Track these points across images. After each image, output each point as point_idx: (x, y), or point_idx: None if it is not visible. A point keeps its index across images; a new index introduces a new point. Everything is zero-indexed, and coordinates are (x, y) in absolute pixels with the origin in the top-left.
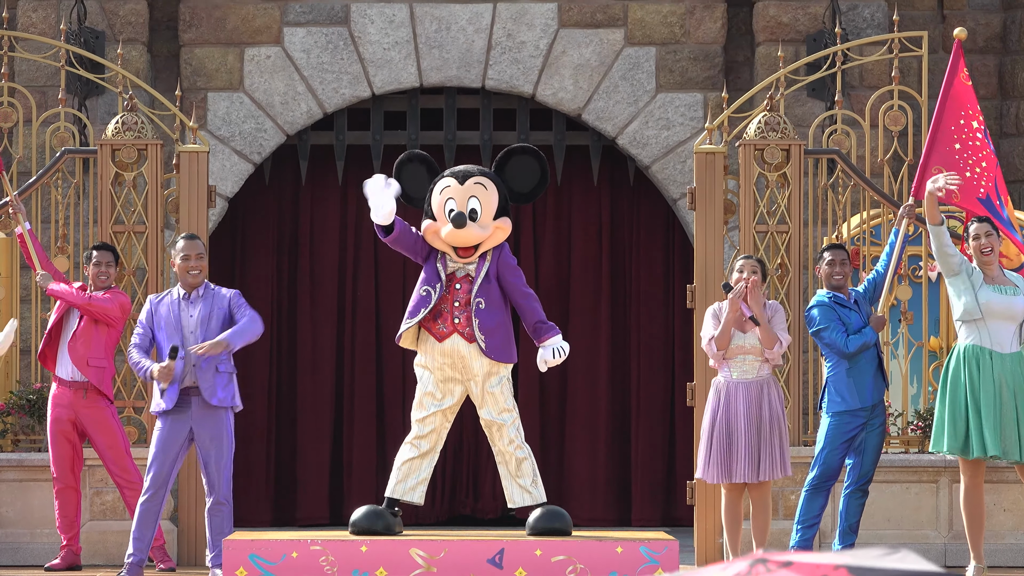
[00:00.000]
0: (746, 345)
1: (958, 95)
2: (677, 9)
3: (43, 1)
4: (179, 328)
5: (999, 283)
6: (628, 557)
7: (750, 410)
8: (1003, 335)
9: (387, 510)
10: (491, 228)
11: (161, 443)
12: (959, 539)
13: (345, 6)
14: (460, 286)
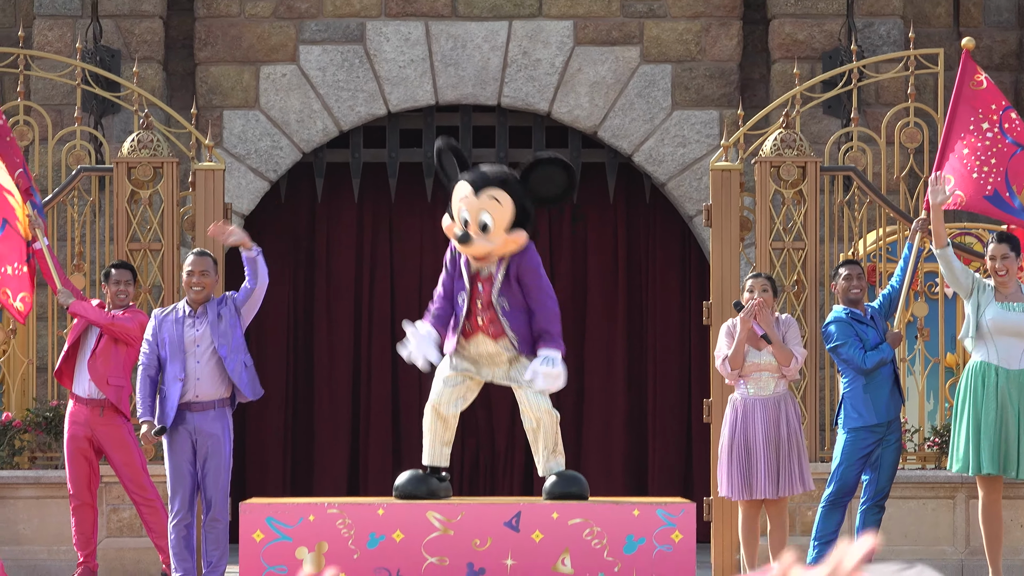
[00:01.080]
0: (761, 363)
1: (968, 103)
2: (693, 27)
3: (59, 20)
4: (181, 347)
5: (1012, 300)
6: (645, 520)
7: (768, 427)
8: (1011, 352)
9: (431, 475)
10: (501, 241)
11: (173, 468)
12: (976, 555)
13: (361, 24)
14: (483, 286)
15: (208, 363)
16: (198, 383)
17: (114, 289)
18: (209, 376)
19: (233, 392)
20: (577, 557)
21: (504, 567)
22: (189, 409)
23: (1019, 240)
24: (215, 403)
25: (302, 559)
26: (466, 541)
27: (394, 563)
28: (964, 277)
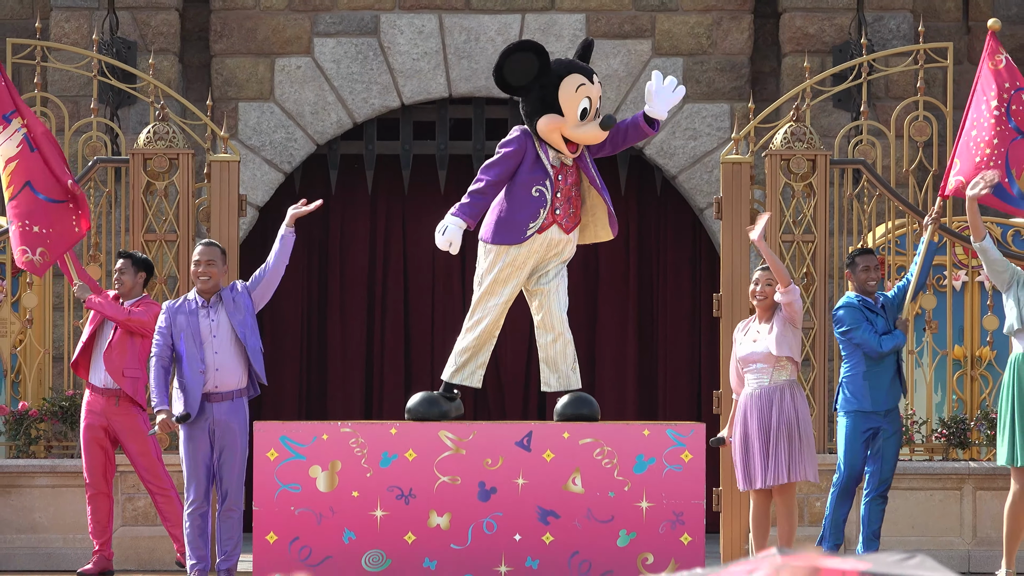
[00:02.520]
0: (760, 351)
1: (985, 82)
2: (704, 20)
3: (76, 12)
4: (198, 336)
5: None
6: (655, 440)
7: (763, 418)
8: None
9: (442, 396)
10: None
11: (190, 458)
12: (982, 545)
13: (375, 17)
14: (562, 178)
15: (225, 352)
16: (217, 373)
17: (118, 279)
18: (228, 365)
19: (249, 382)
20: (588, 476)
21: (515, 486)
22: (208, 400)
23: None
24: (233, 393)
25: (315, 477)
26: (478, 460)
27: (406, 482)
28: (1003, 269)
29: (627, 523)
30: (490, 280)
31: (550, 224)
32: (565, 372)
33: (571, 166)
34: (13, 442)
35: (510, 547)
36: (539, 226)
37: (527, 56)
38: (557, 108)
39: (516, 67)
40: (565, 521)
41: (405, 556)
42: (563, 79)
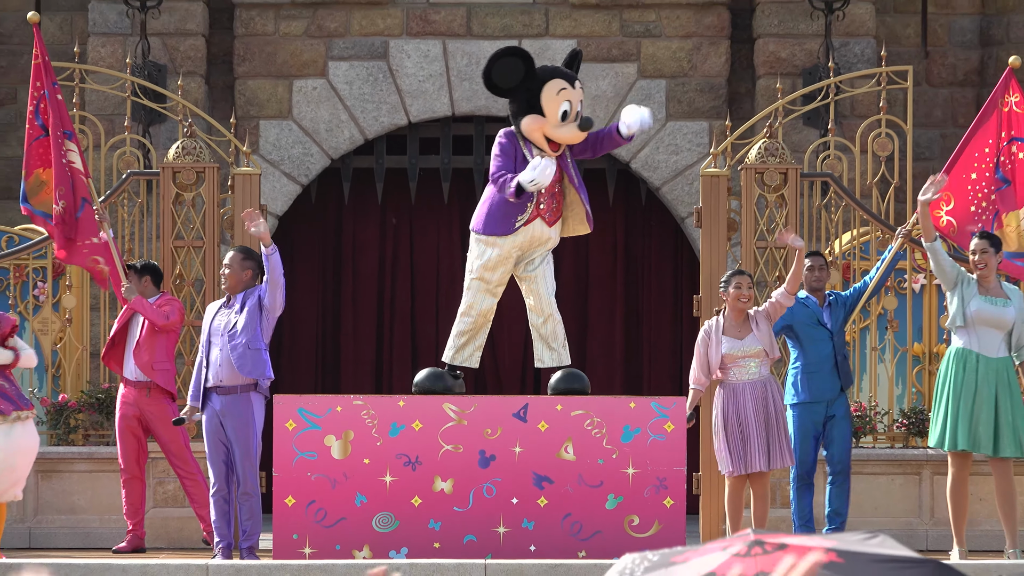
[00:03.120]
0: (749, 350)
1: (992, 123)
2: (685, 45)
3: (111, 38)
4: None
5: (993, 294)
6: (640, 411)
7: (757, 406)
8: (990, 341)
9: (448, 373)
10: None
11: (208, 447)
12: (939, 526)
13: (384, 42)
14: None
15: (227, 350)
16: (220, 369)
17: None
18: (230, 362)
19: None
20: (579, 445)
21: (513, 454)
22: (216, 392)
23: (999, 238)
24: (238, 388)
25: (330, 446)
26: (478, 430)
27: (413, 450)
28: (950, 269)
29: (615, 488)
30: (479, 267)
31: (535, 217)
32: (557, 349)
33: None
34: (54, 431)
35: (508, 510)
36: (526, 219)
37: (513, 61)
38: (540, 110)
39: (503, 71)
40: (558, 486)
41: (412, 518)
42: (546, 83)
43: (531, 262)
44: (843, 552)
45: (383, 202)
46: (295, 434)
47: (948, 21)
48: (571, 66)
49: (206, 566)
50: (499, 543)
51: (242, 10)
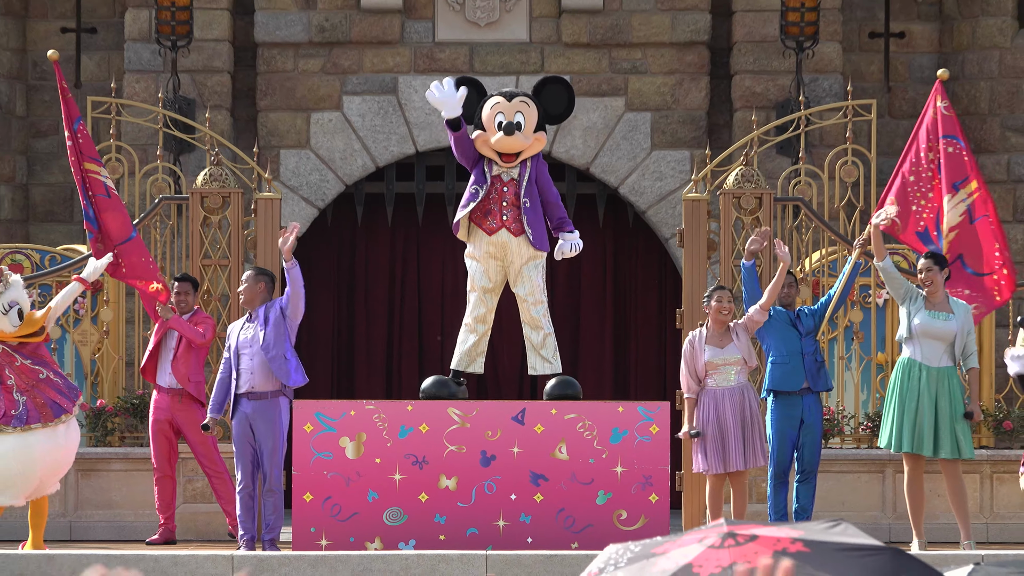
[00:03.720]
0: (729, 358)
1: (927, 129)
2: (668, 81)
3: (144, 74)
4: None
5: (938, 309)
6: (628, 415)
7: (735, 410)
8: (933, 352)
9: (452, 380)
10: (532, 138)
11: (237, 448)
12: (901, 519)
13: (394, 78)
14: (507, 188)
15: (257, 359)
16: (252, 376)
17: (177, 297)
18: (260, 369)
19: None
20: (572, 446)
21: (511, 454)
22: (247, 398)
23: (944, 257)
24: (268, 393)
25: (344, 446)
26: (480, 432)
27: (420, 450)
28: (900, 286)
29: (605, 485)
30: (469, 281)
31: (499, 228)
32: (550, 359)
33: (512, 179)
34: (93, 433)
35: (507, 505)
36: (468, 213)
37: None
38: (482, 126)
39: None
40: (553, 483)
41: (419, 513)
42: (484, 102)
43: (520, 282)
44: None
45: (392, 224)
46: (313, 436)
47: (908, 59)
48: (539, 92)
49: (231, 556)
50: (499, 536)
51: (264, 49)
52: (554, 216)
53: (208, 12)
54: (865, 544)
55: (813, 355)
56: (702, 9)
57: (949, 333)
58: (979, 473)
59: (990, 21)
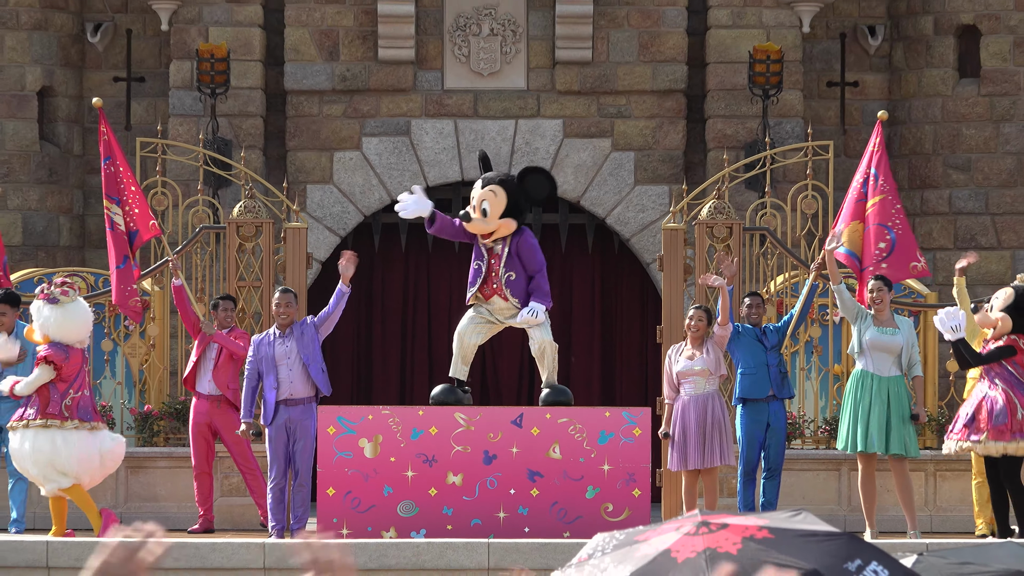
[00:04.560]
0: (695, 369)
1: (866, 162)
2: (650, 124)
3: (187, 118)
4: (274, 361)
5: (885, 325)
6: (614, 419)
7: (699, 416)
8: (883, 364)
9: (458, 388)
10: (495, 224)
11: (272, 447)
12: (855, 512)
13: (407, 121)
14: (495, 261)
15: (296, 371)
16: (291, 385)
17: (222, 315)
18: (299, 379)
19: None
20: (564, 446)
21: (510, 453)
22: (286, 404)
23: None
24: (304, 400)
25: (363, 447)
26: (483, 434)
27: (430, 450)
28: (852, 307)
29: (593, 481)
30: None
31: (492, 295)
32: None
33: (497, 254)
34: (140, 435)
35: (507, 499)
36: (476, 290)
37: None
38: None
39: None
40: (547, 479)
41: (429, 505)
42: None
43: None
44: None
45: (406, 250)
46: (335, 437)
47: (861, 105)
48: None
49: (263, 544)
50: (499, 526)
51: (292, 96)
52: (531, 284)
53: (243, 63)
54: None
55: (777, 367)
56: (679, 61)
57: (897, 346)
58: (924, 471)
59: (934, 72)
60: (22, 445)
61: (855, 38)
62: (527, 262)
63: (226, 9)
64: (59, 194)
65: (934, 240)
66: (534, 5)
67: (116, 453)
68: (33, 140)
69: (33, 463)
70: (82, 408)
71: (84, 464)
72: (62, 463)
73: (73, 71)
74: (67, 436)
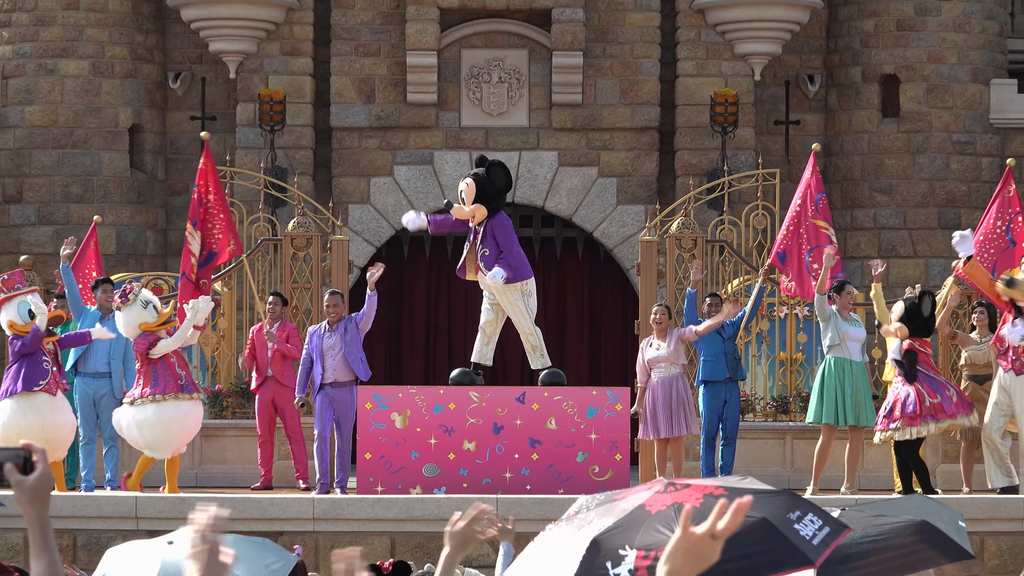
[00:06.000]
0: (662, 356)
1: (804, 190)
2: (630, 155)
3: (250, 150)
4: (322, 351)
5: (852, 322)
6: (599, 397)
7: (666, 395)
8: (855, 351)
9: (472, 371)
10: (469, 210)
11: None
12: (798, 473)
13: (431, 153)
14: (480, 239)
15: (339, 360)
16: (335, 371)
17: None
18: (341, 367)
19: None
20: (559, 419)
21: (515, 425)
22: (331, 386)
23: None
24: (346, 383)
25: (394, 419)
26: (492, 409)
27: (449, 422)
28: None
29: (583, 447)
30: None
31: (477, 271)
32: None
33: (476, 231)
34: (211, 409)
35: (512, 462)
36: (462, 263)
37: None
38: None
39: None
40: (545, 446)
41: (449, 467)
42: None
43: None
44: (727, 487)
45: (429, 259)
46: (372, 412)
47: (802, 139)
48: (481, 164)
49: (312, 499)
50: (506, 484)
51: (337, 132)
52: (499, 259)
53: (296, 105)
54: (767, 489)
55: (733, 354)
56: (653, 104)
57: (863, 335)
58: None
59: (861, 113)
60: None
61: (797, 85)
62: (499, 240)
63: (283, 61)
64: (146, 212)
65: (862, 250)
66: (534, 58)
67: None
68: (125, 168)
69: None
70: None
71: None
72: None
73: (157, 112)
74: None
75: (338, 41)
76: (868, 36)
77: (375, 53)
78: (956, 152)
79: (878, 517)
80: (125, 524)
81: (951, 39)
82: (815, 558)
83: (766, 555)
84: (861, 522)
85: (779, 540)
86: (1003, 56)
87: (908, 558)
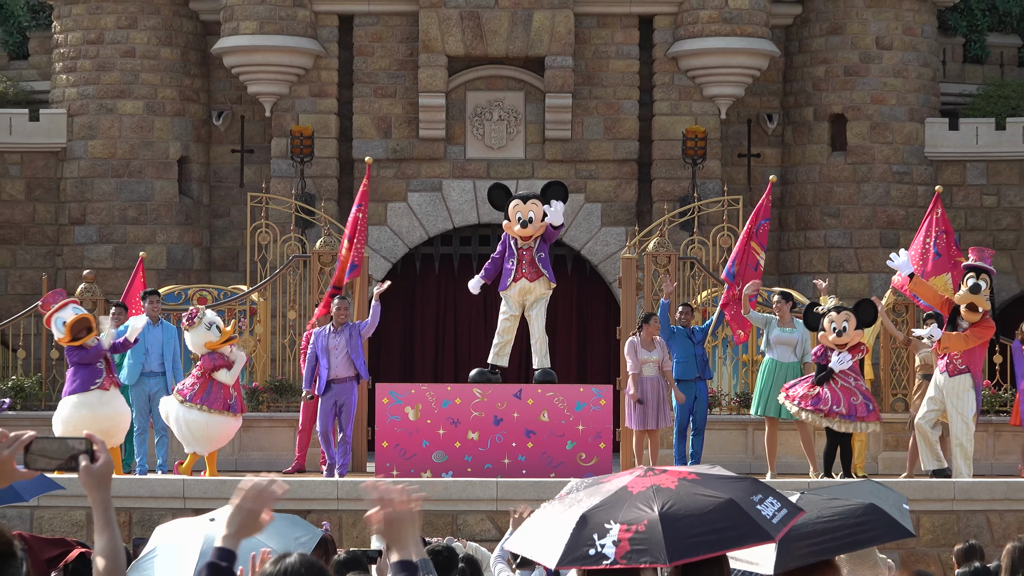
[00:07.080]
0: (651, 359)
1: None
2: (612, 183)
3: (283, 179)
4: (327, 350)
5: (786, 326)
6: (586, 393)
7: (653, 391)
8: (785, 354)
9: (489, 371)
10: (538, 226)
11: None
12: (758, 460)
13: (440, 181)
14: (526, 254)
15: (343, 359)
16: (337, 368)
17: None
18: (343, 365)
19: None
20: (551, 412)
21: (513, 417)
22: (334, 382)
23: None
24: (347, 379)
25: (407, 412)
26: (493, 404)
27: (455, 415)
28: (761, 319)
29: (571, 437)
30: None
31: (520, 279)
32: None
33: (529, 247)
34: (249, 403)
35: (510, 450)
36: (511, 280)
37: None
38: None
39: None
40: (539, 436)
41: (455, 454)
42: (509, 204)
43: (533, 307)
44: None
45: (438, 273)
46: (388, 406)
47: (762, 170)
48: (546, 190)
49: (336, 482)
50: (505, 470)
51: (358, 163)
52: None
53: (323, 140)
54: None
55: (702, 356)
56: (633, 139)
57: (794, 341)
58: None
59: (813, 147)
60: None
61: (758, 123)
62: (548, 241)
63: (311, 101)
64: (192, 232)
65: (813, 266)
66: (530, 99)
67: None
68: (174, 194)
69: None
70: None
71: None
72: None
73: (203, 145)
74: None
75: (359, 84)
76: (819, 80)
77: (392, 95)
78: (895, 181)
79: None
80: (173, 503)
81: (891, 83)
82: (775, 535)
83: (732, 531)
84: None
85: (744, 518)
86: (936, 98)
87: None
